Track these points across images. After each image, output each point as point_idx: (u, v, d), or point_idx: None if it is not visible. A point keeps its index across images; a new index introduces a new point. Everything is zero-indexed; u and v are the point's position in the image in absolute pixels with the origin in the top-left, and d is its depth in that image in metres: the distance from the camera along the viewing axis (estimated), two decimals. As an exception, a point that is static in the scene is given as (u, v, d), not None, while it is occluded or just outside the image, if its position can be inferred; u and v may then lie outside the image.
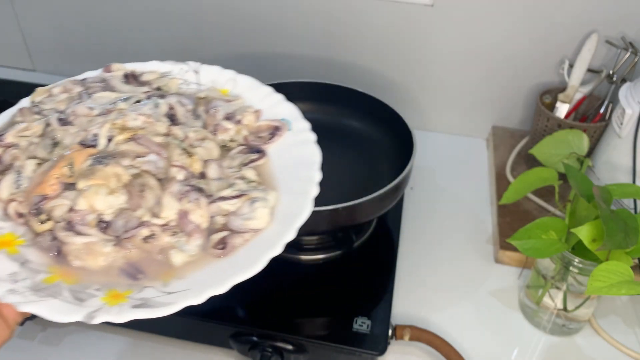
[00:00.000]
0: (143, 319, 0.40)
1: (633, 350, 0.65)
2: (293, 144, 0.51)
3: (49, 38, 1.06)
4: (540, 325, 0.67)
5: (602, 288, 0.53)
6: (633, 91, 0.72)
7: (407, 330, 0.62)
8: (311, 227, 0.61)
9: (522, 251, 0.59)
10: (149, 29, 1.00)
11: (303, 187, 0.46)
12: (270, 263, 0.69)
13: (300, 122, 0.52)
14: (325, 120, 0.84)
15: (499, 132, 0.96)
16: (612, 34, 0.81)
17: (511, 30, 0.85)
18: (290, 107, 0.54)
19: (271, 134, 0.52)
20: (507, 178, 0.85)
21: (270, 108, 0.54)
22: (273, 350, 0.60)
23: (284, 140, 0.51)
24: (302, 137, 0.51)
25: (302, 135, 0.51)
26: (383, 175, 0.75)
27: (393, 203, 0.67)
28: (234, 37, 0.97)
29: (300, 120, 0.52)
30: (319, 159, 0.48)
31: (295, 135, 0.51)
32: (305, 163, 0.48)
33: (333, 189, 0.73)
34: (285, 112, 0.53)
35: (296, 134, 0.51)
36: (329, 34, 0.92)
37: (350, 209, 0.61)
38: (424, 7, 0.86)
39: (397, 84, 0.96)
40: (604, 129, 0.78)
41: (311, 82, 0.83)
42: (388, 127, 0.78)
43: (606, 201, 0.55)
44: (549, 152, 0.68)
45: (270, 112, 0.54)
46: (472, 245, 0.78)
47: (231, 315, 0.62)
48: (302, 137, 0.51)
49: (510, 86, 0.92)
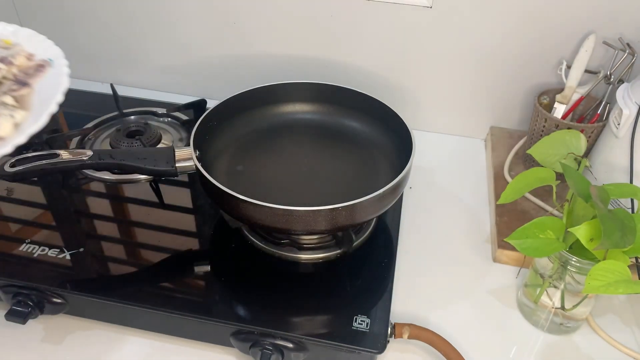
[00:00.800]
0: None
1: (630, 349, 0.65)
2: (52, 76, 0.62)
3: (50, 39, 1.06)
4: (538, 324, 0.68)
5: (599, 287, 0.53)
6: (630, 92, 0.72)
7: (406, 328, 0.63)
8: (311, 226, 0.62)
9: (520, 250, 0.59)
10: (149, 29, 1.00)
11: (46, 106, 0.57)
12: (270, 263, 0.69)
13: (61, 60, 0.63)
14: (325, 121, 0.85)
15: (497, 133, 0.96)
16: (610, 35, 0.82)
17: (509, 32, 0.86)
18: (57, 50, 0.65)
19: (37, 70, 0.63)
20: (505, 178, 0.86)
21: (43, 51, 0.66)
22: (273, 348, 0.60)
23: (47, 75, 0.63)
24: (59, 71, 0.62)
25: (60, 69, 0.62)
26: (382, 175, 0.75)
27: (392, 203, 0.67)
28: (234, 37, 0.97)
29: (62, 59, 0.63)
30: (65, 86, 0.59)
31: (56, 69, 0.63)
32: (56, 90, 0.59)
33: (332, 188, 0.74)
34: (52, 53, 0.65)
35: (56, 69, 0.63)
36: (329, 35, 0.93)
37: (349, 209, 0.61)
38: (423, 8, 0.86)
39: (397, 85, 0.96)
40: (602, 130, 0.78)
41: (311, 82, 0.83)
42: (387, 127, 0.78)
43: (603, 201, 0.56)
44: (547, 152, 0.68)
45: (42, 54, 0.65)
46: (471, 244, 0.79)
47: (232, 313, 0.62)
48: (60, 71, 0.62)
49: (508, 87, 0.92)
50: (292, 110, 0.85)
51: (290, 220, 0.61)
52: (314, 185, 0.74)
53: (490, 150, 0.93)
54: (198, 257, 0.71)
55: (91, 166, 0.65)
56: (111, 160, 0.66)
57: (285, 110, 0.85)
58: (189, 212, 0.78)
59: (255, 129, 0.83)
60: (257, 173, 0.76)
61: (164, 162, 0.67)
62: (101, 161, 0.65)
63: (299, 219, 0.61)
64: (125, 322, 0.67)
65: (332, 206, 0.60)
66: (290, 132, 0.83)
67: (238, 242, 0.72)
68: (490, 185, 0.88)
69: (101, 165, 0.65)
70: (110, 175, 0.82)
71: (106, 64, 1.08)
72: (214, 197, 0.65)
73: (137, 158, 0.67)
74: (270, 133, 0.83)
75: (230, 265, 0.70)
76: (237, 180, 0.74)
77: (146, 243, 0.72)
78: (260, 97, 0.83)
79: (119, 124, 0.92)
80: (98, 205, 0.78)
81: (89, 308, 0.66)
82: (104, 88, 1.04)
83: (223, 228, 0.74)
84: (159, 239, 0.72)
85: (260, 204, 0.60)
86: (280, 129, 0.83)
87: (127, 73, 1.08)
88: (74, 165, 0.63)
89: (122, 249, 0.71)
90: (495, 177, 0.87)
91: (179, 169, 0.67)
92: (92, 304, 0.65)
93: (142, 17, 0.99)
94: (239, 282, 0.67)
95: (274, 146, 0.81)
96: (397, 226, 0.76)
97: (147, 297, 0.64)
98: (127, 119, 0.94)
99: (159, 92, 1.08)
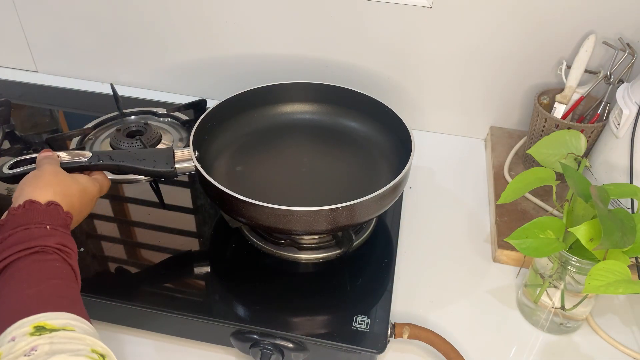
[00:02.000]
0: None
1: (630, 349, 0.65)
2: None
3: (51, 40, 1.07)
4: (538, 324, 0.68)
5: (599, 287, 0.53)
6: (630, 92, 0.72)
7: (406, 328, 0.63)
8: (311, 226, 0.62)
9: (520, 250, 0.59)
10: (149, 29, 1.00)
11: None
12: (270, 263, 0.69)
13: None
14: (324, 121, 0.85)
15: (497, 133, 0.96)
16: (610, 35, 0.82)
17: (509, 32, 0.86)
18: None
19: None
20: (505, 178, 0.86)
21: None
22: (273, 348, 0.60)
23: None
24: None
25: None
26: (382, 175, 0.75)
27: (392, 202, 0.67)
28: (234, 38, 0.97)
29: None
30: None
31: None
32: None
33: (332, 188, 0.74)
34: None
35: None
36: (329, 35, 0.93)
37: (349, 209, 0.61)
38: (423, 8, 0.86)
39: (396, 85, 0.96)
40: (602, 130, 0.78)
41: (310, 83, 0.83)
42: (387, 127, 0.78)
43: (603, 201, 0.56)
44: (547, 152, 0.68)
45: None
46: (471, 244, 0.79)
47: (232, 313, 0.63)
48: None
49: (508, 87, 0.92)
50: (291, 111, 0.85)
51: (291, 220, 0.61)
52: (313, 185, 0.74)
53: (490, 150, 0.93)
54: (198, 257, 0.71)
55: (90, 167, 0.64)
56: (110, 161, 0.65)
57: (285, 110, 0.85)
58: (189, 212, 0.78)
59: (254, 129, 0.83)
60: (257, 173, 0.76)
61: (164, 163, 0.67)
62: (100, 162, 0.64)
63: (299, 219, 0.61)
64: (125, 322, 0.67)
65: (332, 206, 0.60)
66: (289, 132, 0.83)
67: (238, 242, 0.72)
68: (490, 185, 0.88)
69: (100, 167, 0.65)
70: (111, 175, 0.82)
71: (106, 64, 1.08)
72: (214, 197, 0.65)
73: (137, 159, 0.67)
74: (269, 133, 0.83)
75: (230, 265, 0.70)
76: (237, 180, 0.74)
77: (146, 243, 0.72)
78: (260, 98, 0.83)
79: (119, 124, 0.92)
80: (98, 205, 0.78)
81: (89, 308, 0.66)
82: (104, 88, 1.04)
83: (223, 228, 0.74)
84: (159, 239, 0.72)
85: (260, 204, 0.60)
86: (279, 129, 0.83)
87: (127, 73, 1.08)
88: (73, 166, 0.63)
89: (122, 249, 0.71)
90: (495, 177, 0.87)
91: (178, 170, 0.67)
92: (92, 304, 0.65)
93: (142, 17, 0.99)
94: (239, 282, 0.67)
95: (274, 146, 0.81)
96: (397, 226, 0.76)
97: (147, 297, 0.64)
98: (127, 119, 0.94)
99: (159, 92, 1.08)
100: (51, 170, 0.57)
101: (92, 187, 0.61)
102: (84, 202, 0.59)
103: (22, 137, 0.90)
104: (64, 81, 1.10)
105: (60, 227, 0.52)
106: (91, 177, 0.63)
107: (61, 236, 0.52)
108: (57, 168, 0.59)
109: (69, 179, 0.58)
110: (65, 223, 0.54)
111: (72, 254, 0.52)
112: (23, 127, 0.93)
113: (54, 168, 0.58)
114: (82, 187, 0.59)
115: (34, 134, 0.92)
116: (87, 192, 0.60)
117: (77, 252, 0.53)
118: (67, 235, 0.53)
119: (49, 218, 0.52)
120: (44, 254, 0.49)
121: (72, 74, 1.11)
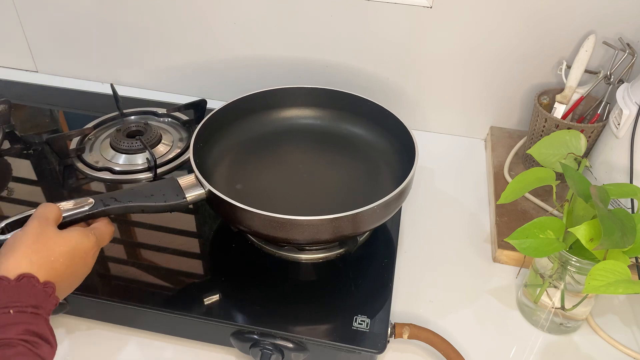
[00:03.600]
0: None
1: (630, 349, 0.65)
2: None
3: (51, 40, 1.07)
4: (538, 324, 0.68)
5: (599, 287, 0.53)
6: (630, 92, 0.72)
7: (406, 328, 0.63)
8: (313, 235, 0.61)
9: (520, 250, 0.59)
10: (149, 29, 1.00)
11: None
12: (270, 263, 0.69)
13: None
14: (325, 126, 0.84)
15: (497, 133, 0.96)
16: (610, 35, 0.82)
17: (509, 32, 0.86)
18: None
19: None
20: (505, 178, 0.86)
21: None
22: (273, 348, 0.60)
23: None
24: None
25: None
26: (385, 181, 0.75)
27: (397, 209, 0.67)
28: (234, 38, 0.97)
29: None
30: None
31: None
32: None
33: (334, 195, 0.73)
34: None
35: None
36: (329, 36, 0.93)
37: (354, 218, 0.60)
38: (423, 8, 0.86)
39: (396, 85, 0.96)
40: (602, 130, 0.78)
41: (311, 87, 0.83)
42: (389, 132, 0.78)
43: (603, 201, 0.56)
44: (547, 152, 0.68)
45: None
46: (471, 244, 0.79)
47: (232, 313, 0.62)
48: None
49: (508, 87, 0.92)
50: (292, 115, 0.85)
51: (293, 229, 0.60)
52: (315, 192, 0.74)
53: (490, 150, 0.93)
54: (198, 257, 0.71)
55: (96, 215, 0.58)
56: (117, 203, 0.59)
57: (286, 115, 0.85)
58: (190, 212, 0.78)
59: (254, 134, 0.82)
60: (258, 180, 0.76)
61: (174, 195, 0.62)
62: (107, 207, 0.58)
63: (301, 228, 0.60)
64: (125, 322, 0.67)
65: (335, 215, 0.59)
66: (290, 138, 0.83)
67: (238, 242, 0.72)
68: (490, 185, 0.88)
69: (107, 212, 0.58)
70: (111, 175, 0.82)
71: (106, 64, 1.08)
72: (214, 206, 0.65)
73: (144, 196, 0.61)
74: (270, 139, 0.82)
75: (230, 265, 0.70)
76: (237, 188, 0.74)
77: (146, 243, 0.72)
78: (260, 102, 0.82)
79: (119, 124, 0.92)
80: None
81: (90, 308, 0.66)
82: (104, 88, 1.05)
83: (223, 228, 0.74)
84: (160, 239, 0.72)
85: (261, 213, 0.59)
86: (280, 134, 0.83)
87: (127, 73, 1.08)
88: (75, 218, 0.56)
89: (122, 249, 0.71)
90: (495, 177, 0.87)
91: (189, 200, 0.63)
92: (92, 304, 0.65)
93: (142, 17, 0.99)
94: (239, 282, 0.67)
95: (274, 152, 0.81)
96: (397, 226, 0.76)
97: (147, 297, 0.64)
98: (127, 119, 0.94)
99: (159, 92, 1.08)
100: (33, 233, 0.50)
101: (84, 242, 0.53)
102: (74, 264, 0.51)
103: (22, 137, 0.90)
104: (64, 81, 1.10)
105: (29, 307, 0.45)
106: (85, 230, 0.55)
107: (28, 321, 0.44)
108: (43, 228, 0.51)
109: (53, 240, 0.51)
110: (40, 298, 0.46)
111: (40, 343, 0.44)
112: (23, 127, 0.93)
113: (38, 229, 0.51)
114: (70, 247, 0.51)
115: (34, 134, 0.92)
116: (77, 251, 0.52)
117: (50, 336, 0.46)
118: (38, 317, 0.45)
119: (17, 297, 0.45)
120: (6, 348, 0.42)
121: (72, 74, 1.11)
